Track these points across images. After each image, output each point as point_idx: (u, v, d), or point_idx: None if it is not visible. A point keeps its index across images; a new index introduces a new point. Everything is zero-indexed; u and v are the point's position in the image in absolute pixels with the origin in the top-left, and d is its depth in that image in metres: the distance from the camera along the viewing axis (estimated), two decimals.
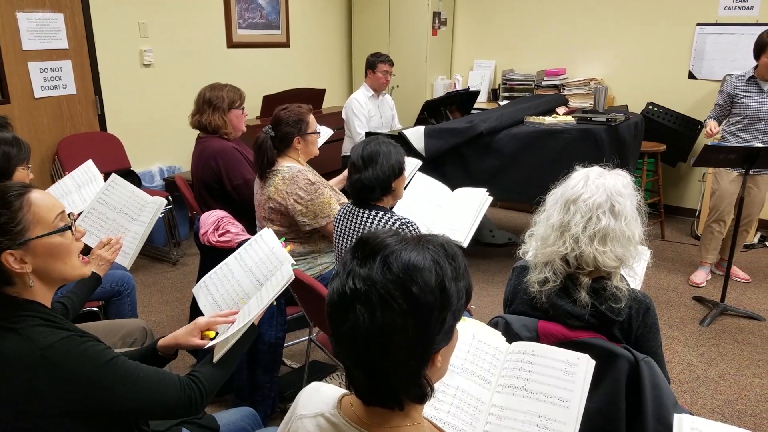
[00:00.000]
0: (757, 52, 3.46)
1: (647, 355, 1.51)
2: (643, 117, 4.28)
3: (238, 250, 1.70)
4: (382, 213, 2.11)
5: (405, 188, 2.34)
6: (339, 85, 6.08)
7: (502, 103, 5.15)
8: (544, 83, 5.27)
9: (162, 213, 2.28)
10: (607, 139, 3.68)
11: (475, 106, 4.97)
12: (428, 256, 0.84)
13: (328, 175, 3.23)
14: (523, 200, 3.74)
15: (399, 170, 2.14)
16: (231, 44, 4.92)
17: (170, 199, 3.99)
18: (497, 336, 1.42)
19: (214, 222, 2.25)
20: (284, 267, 1.54)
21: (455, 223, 2.51)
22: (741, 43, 4.41)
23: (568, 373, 1.26)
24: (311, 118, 2.55)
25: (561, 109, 4.30)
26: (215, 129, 2.87)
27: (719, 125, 3.67)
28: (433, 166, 3.76)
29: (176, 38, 4.53)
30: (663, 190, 4.76)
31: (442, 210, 2.67)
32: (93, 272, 1.87)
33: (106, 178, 2.39)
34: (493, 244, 4.43)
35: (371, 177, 2.08)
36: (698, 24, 4.67)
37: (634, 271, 1.59)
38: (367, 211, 2.13)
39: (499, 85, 5.60)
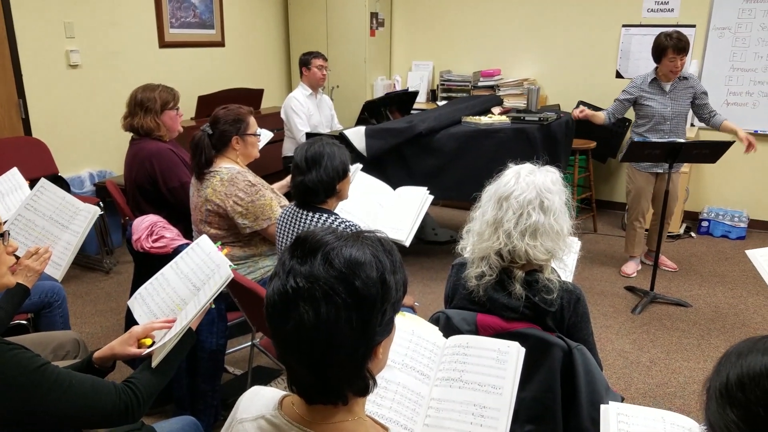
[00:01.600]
0: (658, 55, 3.62)
1: (580, 343, 1.58)
2: None
3: (174, 259, 1.66)
4: (326, 215, 2.11)
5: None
6: (277, 86, 6.01)
7: (441, 103, 5.24)
8: (480, 84, 5.39)
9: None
10: (539, 137, 3.81)
11: (415, 106, 5.03)
12: (368, 251, 0.86)
13: (269, 177, 3.20)
14: (462, 198, 3.82)
15: (343, 172, 2.13)
16: (163, 44, 4.78)
17: (101, 205, 3.83)
18: (435, 331, 1.45)
19: (148, 227, 2.18)
20: (221, 269, 1.52)
21: (397, 222, 2.54)
22: None
23: (500, 362, 1.30)
24: (252, 119, 2.50)
25: (496, 109, 4.42)
26: (147, 132, 2.79)
27: (610, 120, 3.84)
28: (375, 166, 3.78)
29: (105, 38, 4.36)
30: (594, 186, 4.97)
31: (384, 209, 2.69)
32: (20, 284, 1.78)
33: (32, 186, 2.27)
34: (436, 242, 4.50)
35: (315, 180, 2.06)
36: (624, 25, 4.90)
37: (565, 263, 1.66)
38: (310, 214, 2.11)
39: (438, 85, 5.70)
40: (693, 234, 4.77)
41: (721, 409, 0.73)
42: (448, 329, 1.65)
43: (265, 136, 3.17)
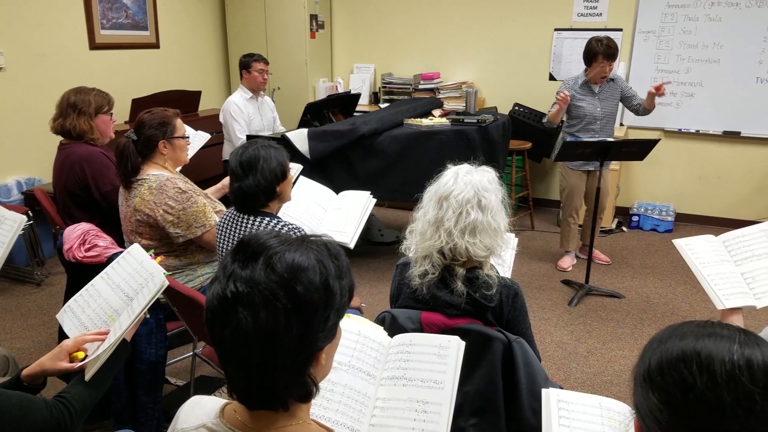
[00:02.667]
0: (588, 60, 3.79)
1: (519, 336, 1.64)
2: (510, 117, 4.58)
3: (105, 269, 1.60)
4: (268, 219, 2.08)
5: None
6: (216, 87, 5.89)
7: (383, 105, 5.28)
8: (420, 87, 5.47)
9: (22, 230, 2.08)
10: (478, 138, 3.90)
11: (358, 108, 5.04)
12: (312, 256, 0.85)
13: (210, 181, 3.13)
14: (407, 198, 3.86)
15: (282, 174, 2.10)
16: (94, 45, 4.60)
17: (30, 214, 3.65)
18: (380, 331, 1.47)
19: (80, 236, 2.09)
20: (155, 277, 1.48)
21: (341, 225, 2.54)
22: None
23: (441, 356, 1.33)
24: (178, 122, 2.41)
25: (437, 112, 4.49)
26: (80, 134, 2.67)
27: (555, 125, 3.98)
28: (319, 168, 3.78)
29: (31, 40, 4.15)
30: (531, 185, 5.13)
31: (328, 213, 2.69)
32: None
33: None
34: (382, 243, 4.53)
35: (252, 185, 2.02)
36: (555, 29, 5.09)
37: (503, 259, 1.72)
38: (252, 218, 2.08)
39: (380, 88, 5.74)
40: (624, 228, 5.00)
41: (645, 394, 0.77)
42: (394, 328, 1.67)
43: (200, 138, 3.09)
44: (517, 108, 5.16)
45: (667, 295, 3.81)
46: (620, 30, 4.80)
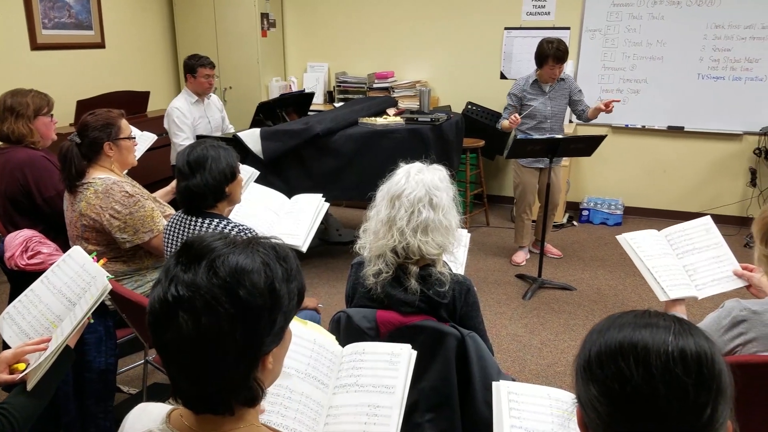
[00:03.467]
0: (539, 61, 3.88)
1: (471, 331, 1.67)
2: (463, 116, 4.64)
3: (45, 273, 1.55)
4: (217, 221, 2.04)
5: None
6: (165, 87, 5.76)
7: (338, 104, 5.27)
8: (375, 86, 5.48)
9: None
10: (432, 137, 3.94)
11: (312, 108, 5.01)
12: (257, 259, 0.84)
13: (157, 184, 3.06)
14: (363, 198, 3.86)
15: (232, 174, 2.06)
16: (35, 46, 4.43)
17: None
18: (333, 341, 1.46)
19: (22, 243, 2.01)
20: (98, 281, 1.44)
21: (293, 229, 2.52)
22: None
23: (393, 363, 1.34)
24: (124, 122, 2.34)
25: (391, 110, 4.52)
26: (19, 138, 2.57)
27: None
28: (273, 169, 3.74)
29: None
30: (485, 182, 5.22)
31: (280, 217, 2.67)
32: None
33: None
34: (340, 242, 4.52)
35: (200, 184, 1.98)
36: (506, 28, 5.18)
37: (456, 256, 1.74)
38: (200, 220, 2.04)
39: (334, 87, 5.72)
40: (575, 223, 5.14)
41: (585, 385, 0.79)
42: (349, 328, 1.68)
43: (147, 139, 3.01)
44: (470, 107, 5.23)
45: (617, 286, 3.94)
46: (568, 29, 4.92)
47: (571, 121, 5.05)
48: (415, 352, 1.38)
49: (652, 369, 0.73)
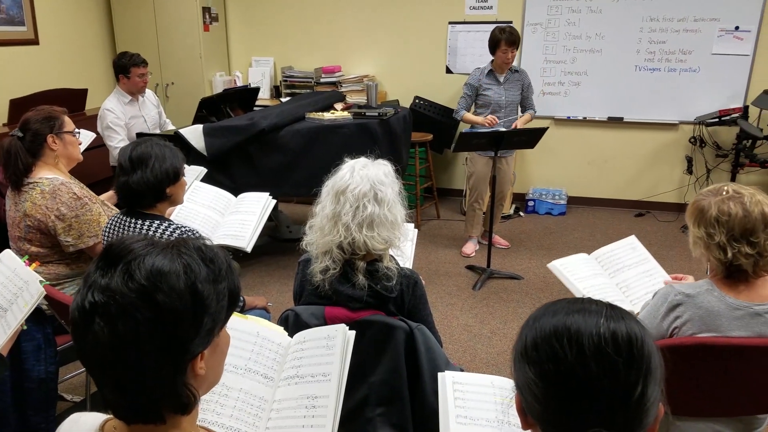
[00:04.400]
0: (493, 48, 3.99)
1: (420, 323, 1.69)
2: (411, 110, 4.67)
3: None
4: (158, 222, 1.98)
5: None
6: (104, 84, 5.54)
7: (284, 99, 5.21)
8: (322, 80, 5.44)
9: None
10: (380, 131, 3.95)
11: (259, 103, 4.94)
12: (178, 260, 0.81)
13: (96, 186, 2.95)
14: (313, 194, 3.85)
15: (175, 175, 2.01)
16: None
17: None
18: (280, 332, 1.45)
19: None
20: (31, 286, 1.38)
21: (238, 230, 2.49)
22: (485, 39, 5.02)
23: (329, 347, 1.34)
24: (67, 118, 2.28)
25: (339, 105, 4.50)
26: None
27: (469, 112, 4.15)
28: (218, 166, 3.67)
29: None
30: (435, 175, 5.27)
31: (225, 218, 2.63)
32: None
33: None
34: (291, 239, 4.48)
35: (140, 180, 1.92)
36: (450, 22, 5.23)
37: (402, 251, 1.75)
38: (140, 221, 1.98)
39: (281, 81, 5.65)
40: (522, 213, 5.26)
41: (522, 369, 0.82)
42: (298, 326, 1.67)
43: (86, 136, 2.90)
44: (417, 101, 5.27)
45: None
46: (510, 22, 5.00)
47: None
48: (353, 333, 1.38)
49: (584, 349, 0.76)
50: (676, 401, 1.67)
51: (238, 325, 1.33)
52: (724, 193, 1.57)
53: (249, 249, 2.41)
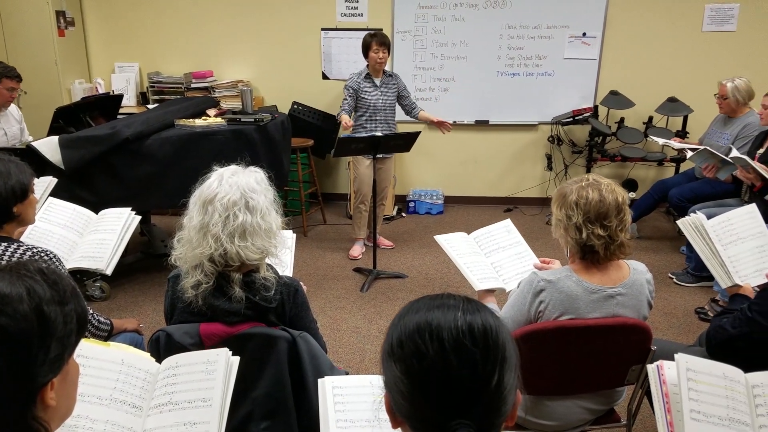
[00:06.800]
0: (365, 50, 4.10)
1: (303, 331, 1.66)
2: (289, 116, 4.62)
3: None
4: (5, 245, 1.80)
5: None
6: None
7: (152, 106, 4.93)
8: (193, 85, 5.23)
9: None
10: (258, 138, 3.87)
11: (124, 111, 4.64)
12: (19, 283, 0.77)
13: None
14: (181, 206, 3.68)
15: (22, 193, 1.84)
16: None
17: None
18: (147, 359, 1.36)
19: None
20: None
21: (96, 250, 2.32)
22: (358, 46, 5.08)
23: (209, 372, 1.29)
24: None
25: (212, 111, 4.34)
26: None
27: (350, 117, 4.23)
28: (78, 180, 3.40)
29: None
30: (318, 180, 5.26)
31: (84, 237, 2.43)
32: None
33: None
34: (166, 255, 4.21)
35: None
36: (322, 29, 5.24)
37: (280, 259, 1.72)
38: None
39: (147, 88, 5.34)
40: (404, 214, 5.41)
41: (389, 367, 0.84)
42: (170, 347, 1.57)
43: None
44: (296, 106, 5.22)
45: (443, 270, 4.21)
46: (381, 30, 5.11)
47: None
48: (237, 358, 1.33)
49: (444, 343, 0.79)
50: (544, 383, 1.80)
51: (100, 353, 1.24)
52: (585, 181, 1.72)
53: (109, 271, 2.26)
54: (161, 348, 1.57)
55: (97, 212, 2.60)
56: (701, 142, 4.32)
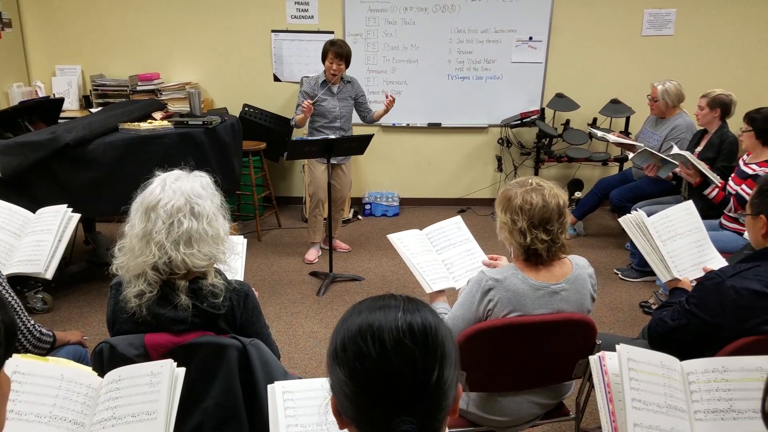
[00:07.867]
0: (323, 57, 4.04)
1: (255, 337, 1.64)
2: (239, 118, 4.55)
3: None
4: None
5: None
6: None
7: (96, 110, 4.77)
8: (139, 88, 5.08)
9: None
10: (207, 141, 3.79)
11: (65, 115, 4.47)
12: None
13: None
14: (122, 213, 3.57)
15: None
16: None
17: None
18: (88, 373, 1.31)
19: None
20: None
21: (32, 252, 2.21)
22: (310, 48, 5.07)
23: (153, 384, 1.26)
24: None
25: (158, 114, 4.23)
26: None
27: (305, 124, 4.17)
28: (16, 187, 3.26)
29: None
30: (272, 184, 5.19)
31: (21, 240, 2.32)
32: None
33: None
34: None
35: None
36: (273, 31, 5.18)
37: (230, 265, 1.69)
38: None
39: (90, 91, 5.16)
40: (360, 217, 5.40)
41: (334, 370, 0.84)
42: (114, 359, 1.52)
43: None
44: (247, 109, 5.14)
45: (399, 271, 4.23)
46: (332, 32, 5.10)
47: None
48: (182, 369, 1.30)
49: (386, 344, 0.80)
50: (494, 379, 1.83)
51: (37, 369, 1.19)
52: (529, 185, 1.76)
53: (49, 275, 2.15)
54: (105, 360, 1.52)
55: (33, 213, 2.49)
56: (637, 140, 4.50)
